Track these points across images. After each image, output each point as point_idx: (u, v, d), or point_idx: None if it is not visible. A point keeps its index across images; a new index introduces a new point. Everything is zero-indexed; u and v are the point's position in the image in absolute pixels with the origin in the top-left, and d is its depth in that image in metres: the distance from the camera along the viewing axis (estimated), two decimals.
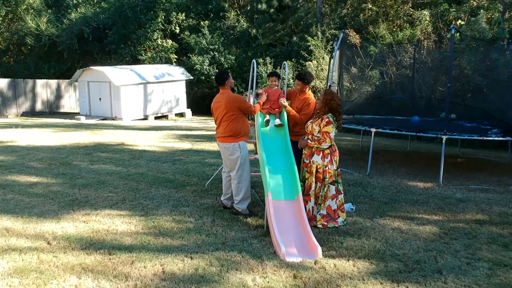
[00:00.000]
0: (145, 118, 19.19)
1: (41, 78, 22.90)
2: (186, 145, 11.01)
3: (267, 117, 5.92)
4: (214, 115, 5.78)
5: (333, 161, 5.31)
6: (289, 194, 5.16)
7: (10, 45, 26.61)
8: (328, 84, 9.37)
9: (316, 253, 4.37)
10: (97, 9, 25.36)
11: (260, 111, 5.90)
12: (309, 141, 5.35)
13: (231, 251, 4.43)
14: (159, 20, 22.81)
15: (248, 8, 24.05)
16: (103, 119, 18.45)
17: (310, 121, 5.50)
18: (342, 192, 5.46)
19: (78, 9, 24.98)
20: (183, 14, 23.40)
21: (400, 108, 11.39)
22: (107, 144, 10.82)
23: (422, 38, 16.29)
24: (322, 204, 5.31)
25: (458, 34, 13.92)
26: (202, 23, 22.12)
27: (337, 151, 5.43)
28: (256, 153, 6.24)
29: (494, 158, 10.20)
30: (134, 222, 5.26)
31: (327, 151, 5.28)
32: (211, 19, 23.29)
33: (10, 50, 27.20)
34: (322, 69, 17.92)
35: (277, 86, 6.17)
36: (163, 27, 23.27)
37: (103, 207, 5.84)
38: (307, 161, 5.39)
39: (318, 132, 5.28)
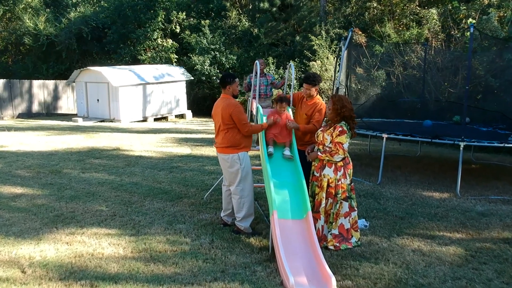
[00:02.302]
0: (144, 119, 18.64)
1: (40, 78, 22.37)
2: (185, 150, 10.45)
3: (271, 148, 5.15)
4: (214, 122, 5.21)
5: (347, 175, 4.72)
6: (297, 212, 4.58)
7: (8, 45, 26.17)
8: (336, 86, 8.81)
9: (329, 284, 3.77)
10: (96, 8, 24.84)
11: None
12: (319, 153, 4.74)
13: (231, 282, 3.86)
14: (159, 19, 22.29)
15: (250, 7, 23.49)
16: (101, 121, 17.92)
17: (320, 129, 4.88)
18: (356, 208, 4.88)
19: (77, 8, 24.47)
20: (184, 13, 22.90)
21: (410, 111, 10.83)
22: (102, 149, 10.26)
23: (430, 38, 15.71)
24: (333, 223, 4.73)
25: (468, 33, 13.34)
26: (203, 22, 21.57)
27: (351, 163, 4.82)
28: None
29: (510, 164, 9.63)
30: (123, 243, 4.69)
31: (340, 164, 4.68)
32: (212, 18, 22.76)
33: (8, 50, 26.75)
34: (326, 69, 17.35)
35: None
36: (163, 27, 22.75)
37: (90, 224, 5.28)
38: (317, 174, 4.79)
39: (330, 142, 4.68)
